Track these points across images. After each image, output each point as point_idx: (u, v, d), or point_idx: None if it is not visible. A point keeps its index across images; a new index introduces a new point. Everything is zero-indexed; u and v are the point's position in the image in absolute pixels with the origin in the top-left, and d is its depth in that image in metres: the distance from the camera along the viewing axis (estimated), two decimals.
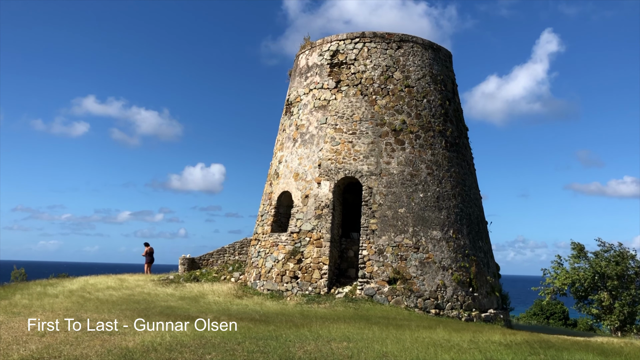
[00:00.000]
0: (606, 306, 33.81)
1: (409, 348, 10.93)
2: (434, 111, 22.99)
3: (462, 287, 20.94)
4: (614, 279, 33.64)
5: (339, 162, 22.07)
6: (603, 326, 35.06)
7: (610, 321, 33.53)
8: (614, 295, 33.79)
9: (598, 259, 34.77)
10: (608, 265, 33.84)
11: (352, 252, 22.00)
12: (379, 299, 19.95)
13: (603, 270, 33.79)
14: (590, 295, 34.87)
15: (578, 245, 35.92)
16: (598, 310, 34.48)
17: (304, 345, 10.94)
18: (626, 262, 34.22)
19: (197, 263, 27.76)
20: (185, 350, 10.05)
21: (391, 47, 23.22)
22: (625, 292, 33.77)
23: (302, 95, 24.16)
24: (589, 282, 34.14)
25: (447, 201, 21.93)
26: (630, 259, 34.57)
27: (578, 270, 35.02)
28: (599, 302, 34.11)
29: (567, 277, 34.90)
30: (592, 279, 34.12)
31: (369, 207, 21.29)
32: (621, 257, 34.42)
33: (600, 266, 34.01)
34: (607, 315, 33.95)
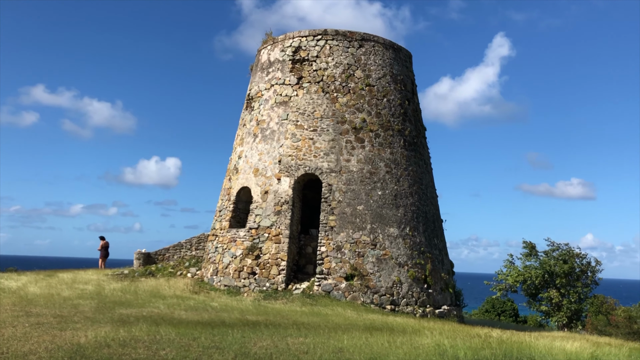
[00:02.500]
0: (555, 303, 34.97)
1: (365, 343, 11.07)
2: (393, 110, 23.26)
3: (417, 283, 21.29)
4: (562, 277, 34.83)
5: (299, 158, 22.09)
6: (551, 322, 36.24)
7: (558, 318, 34.71)
8: (562, 293, 34.98)
9: (548, 258, 35.92)
10: (557, 264, 35.00)
11: (310, 248, 22.08)
12: (335, 295, 20.10)
13: (552, 269, 34.94)
14: (540, 293, 36.01)
15: (529, 244, 37.02)
16: (547, 308, 35.63)
17: (260, 340, 10.94)
18: (573, 261, 35.47)
19: (152, 258, 27.34)
20: (139, 346, 9.92)
21: (353, 45, 23.37)
22: (572, 290, 35.01)
23: (263, 91, 24.07)
24: (539, 280, 35.24)
25: (404, 199, 22.25)
26: (577, 258, 35.85)
27: (529, 268, 36.10)
28: (548, 299, 35.26)
29: (518, 274, 35.93)
30: (542, 277, 35.24)
31: (329, 204, 21.40)
32: (569, 256, 35.65)
33: (549, 265, 35.15)
34: (555, 312, 35.12)
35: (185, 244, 27.65)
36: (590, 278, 36.07)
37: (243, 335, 11.41)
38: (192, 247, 27.40)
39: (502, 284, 37.00)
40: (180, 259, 27.11)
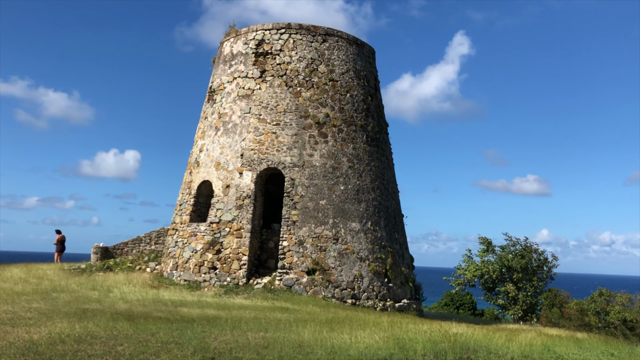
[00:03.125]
0: (511, 297, 35.86)
1: (326, 337, 11.10)
2: (356, 106, 23.36)
3: (378, 277, 21.49)
4: (519, 272, 35.74)
5: (262, 152, 21.97)
6: (507, 315, 37.16)
7: (514, 311, 35.62)
8: (519, 287, 35.90)
9: (505, 253, 36.80)
10: (514, 259, 35.89)
11: (272, 243, 22.02)
12: (297, 290, 20.11)
13: (510, 264, 35.82)
14: (497, 287, 36.88)
15: (486, 240, 37.82)
16: (504, 301, 36.52)
17: (220, 335, 10.85)
18: (530, 256, 36.42)
19: (111, 252, 26.81)
20: (95, 342, 9.71)
21: (317, 40, 23.34)
22: (528, 284, 35.97)
23: (225, 84, 23.82)
24: (496, 275, 36.08)
25: (366, 194, 22.40)
26: (533, 253, 36.83)
27: (487, 263, 36.90)
28: (505, 293, 36.14)
29: (477, 269, 36.70)
30: (499, 271, 36.09)
31: (291, 198, 21.37)
32: (526, 250, 36.59)
33: (507, 259, 36.01)
34: (511, 305, 36.02)
35: (144, 238, 27.20)
36: (546, 273, 37.13)
37: (203, 330, 11.30)
38: (151, 242, 26.98)
39: (461, 278, 37.76)
40: (140, 253, 26.67)
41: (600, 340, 14.83)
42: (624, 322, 33.52)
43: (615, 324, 33.52)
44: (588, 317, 34.78)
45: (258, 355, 9.39)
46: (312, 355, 9.50)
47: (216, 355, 9.26)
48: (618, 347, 12.73)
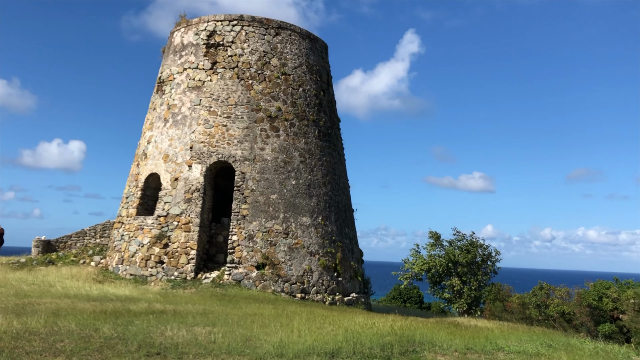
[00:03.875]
0: (457, 290, 36.76)
1: (274, 332, 11.08)
2: (309, 100, 23.35)
3: (327, 272, 21.60)
4: (464, 266, 36.67)
5: (212, 145, 21.68)
6: (453, 309, 38.08)
7: (459, 304, 36.54)
8: (464, 280, 36.83)
9: (452, 247, 37.68)
10: (461, 254, 36.80)
11: (221, 237, 21.79)
12: (246, 284, 19.99)
13: (456, 258, 36.70)
14: (444, 281, 37.74)
15: (435, 234, 38.62)
16: (449, 295, 37.40)
17: (166, 330, 10.67)
18: (475, 251, 37.42)
19: (53, 246, 25.91)
20: (34, 338, 9.36)
21: (269, 33, 23.18)
22: (473, 278, 36.97)
23: (175, 74, 23.36)
24: (443, 269, 36.90)
25: (317, 189, 22.45)
26: (479, 248, 37.87)
27: (434, 257, 37.69)
28: (450, 287, 37.01)
29: (424, 263, 37.43)
30: (446, 265, 36.92)
31: (241, 192, 21.19)
32: (472, 245, 37.57)
33: (454, 254, 36.88)
34: (457, 299, 36.94)
35: (89, 231, 26.42)
36: (490, 267, 38.24)
37: (149, 325, 11.08)
38: (96, 235, 26.23)
39: (409, 272, 38.44)
40: (84, 247, 25.89)
41: (540, 332, 15.39)
42: (562, 315, 34.92)
43: (555, 316, 34.87)
44: (529, 310, 36.04)
45: (205, 350, 9.28)
46: (260, 350, 9.47)
47: (162, 350, 9.10)
48: (556, 338, 13.24)
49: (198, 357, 8.86)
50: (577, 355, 10.14)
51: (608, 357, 10.35)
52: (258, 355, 9.13)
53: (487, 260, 38.02)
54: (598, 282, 35.44)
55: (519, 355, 10.35)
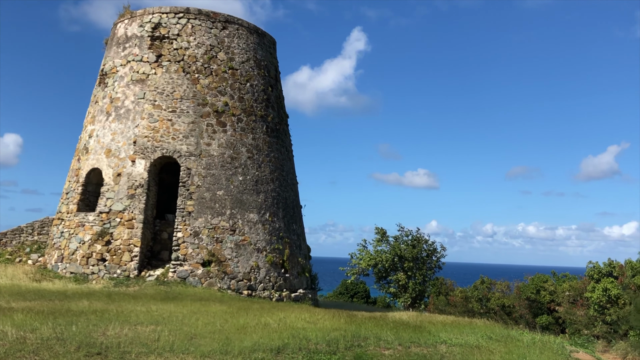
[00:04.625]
0: (402, 285, 37.44)
1: (219, 329, 10.97)
2: (256, 96, 23.18)
3: (275, 268, 21.54)
4: (410, 261, 37.38)
5: (156, 140, 21.21)
6: (398, 303, 38.77)
7: (404, 299, 37.23)
8: (409, 275, 37.55)
9: (398, 243, 38.33)
10: (406, 249, 37.49)
11: (166, 234, 21.38)
12: (192, 282, 19.70)
13: (402, 253, 37.37)
14: (390, 276, 38.37)
15: (381, 230, 39.19)
16: (395, 289, 38.05)
17: (107, 329, 10.38)
18: (420, 246, 38.21)
19: None
20: None
21: (216, 26, 22.85)
22: (418, 273, 37.74)
23: (118, 67, 22.71)
24: (389, 264, 37.50)
25: (265, 185, 22.34)
26: (424, 243, 38.68)
27: (380, 253, 38.25)
28: (396, 281, 37.67)
29: (371, 259, 37.93)
30: (392, 261, 37.54)
31: (187, 188, 20.84)
32: (417, 241, 38.33)
33: (399, 249, 37.53)
34: (402, 293, 37.62)
35: (26, 228, 25.35)
36: (434, 262, 39.13)
37: (89, 325, 10.75)
38: (34, 232, 25.21)
39: (356, 268, 38.87)
40: (20, 244, 24.84)
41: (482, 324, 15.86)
42: (502, 308, 36.12)
43: (495, 309, 36.04)
44: (471, 304, 37.12)
45: (148, 349, 9.10)
46: (205, 347, 9.36)
47: (103, 350, 8.86)
48: (496, 330, 13.68)
49: (141, 356, 8.67)
50: (515, 347, 10.51)
51: (544, 347, 10.77)
52: (203, 353, 9.02)
53: (432, 255, 38.90)
54: (536, 276, 36.85)
55: (461, 347, 10.63)
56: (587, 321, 30.31)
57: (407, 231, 39.18)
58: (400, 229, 39.25)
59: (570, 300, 32.73)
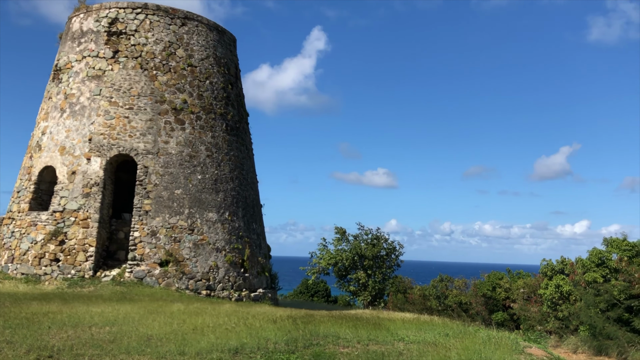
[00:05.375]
0: (362, 283, 37.74)
1: (176, 330, 10.82)
2: (216, 93, 22.94)
3: (234, 268, 21.38)
4: (370, 260, 37.71)
5: (112, 137, 20.76)
6: (358, 301, 39.05)
7: (364, 297, 37.53)
8: (369, 274, 37.88)
9: (358, 242, 38.62)
10: (367, 248, 37.80)
11: (122, 233, 20.96)
12: (149, 282, 19.36)
13: (362, 252, 37.67)
14: (350, 275, 38.62)
15: (341, 230, 39.40)
16: (355, 288, 38.33)
17: (60, 332, 10.11)
18: (380, 245, 38.59)
19: None
20: None
21: (175, 23, 22.51)
22: (378, 271, 38.12)
23: (73, 62, 22.12)
24: (349, 262, 37.74)
25: (224, 184, 22.14)
26: (384, 242, 39.08)
27: (340, 251, 38.46)
28: (356, 280, 37.95)
29: (331, 258, 38.10)
30: (352, 259, 37.79)
31: (144, 187, 20.47)
32: (377, 239, 38.70)
33: (360, 248, 37.82)
34: (362, 291, 37.92)
35: None
36: (394, 260, 39.59)
37: (40, 327, 10.45)
38: None
39: (316, 267, 38.99)
40: None
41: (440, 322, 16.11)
42: (460, 305, 36.78)
43: (453, 306, 36.67)
44: (430, 301, 37.66)
45: (102, 351, 8.90)
46: (162, 348, 9.21)
47: (54, 353, 8.61)
48: (453, 327, 13.91)
49: (94, 358, 8.47)
50: (471, 343, 10.70)
51: (499, 343, 11.00)
52: (159, 354, 8.87)
53: (392, 253, 39.35)
54: (492, 274, 37.65)
55: (418, 344, 10.77)
56: (540, 317, 31.15)
57: (367, 230, 39.55)
58: (361, 227, 39.58)
59: (525, 297, 33.58)
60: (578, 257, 31.52)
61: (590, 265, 29.63)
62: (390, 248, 39.36)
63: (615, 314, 26.15)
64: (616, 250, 29.61)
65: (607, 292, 26.84)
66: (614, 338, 25.17)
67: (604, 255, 29.78)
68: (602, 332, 25.65)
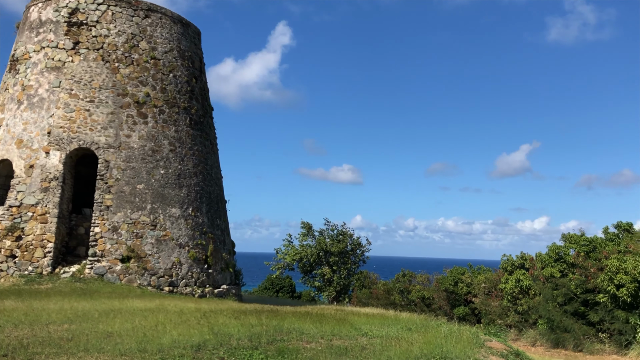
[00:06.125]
0: (327, 279, 37.85)
1: (137, 327, 10.64)
2: (180, 87, 22.62)
3: (197, 264, 21.17)
4: (335, 255, 37.85)
5: (72, 131, 20.26)
6: (323, 297, 39.17)
7: (329, 292, 37.68)
8: (334, 269, 38.01)
9: (323, 237, 38.71)
10: (333, 244, 37.94)
11: (83, 229, 20.51)
12: (110, 278, 19.00)
13: (328, 248, 37.78)
14: (315, 270, 38.70)
15: (307, 225, 39.42)
16: (320, 283, 38.43)
17: (15, 330, 9.82)
18: (346, 240, 38.77)
19: None
20: None
21: (138, 15, 22.08)
22: (343, 267, 38.29)
23: (32, 53, 21.48)
24: (314, 258, 37.80)
25: (188, 179, 21.87)
26: (349, 237, 39.28)
27: (306, 247, 38.50)
28: (321, 275, 38.04)
29: (296, 253, 38.10)
30: (317, 255, 37.87)
31: (105, 181, 20.06)
32: (343, 235, 38.86)
33: (325, 244, 37.92)
34: (327, 287, 38.05)
35: None
36: (359, 256, 39.82)
37: None
38: None
39: (281, 263, 38.93)
40: None
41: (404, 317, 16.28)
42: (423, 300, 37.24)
43: (416, 301, 37.11)
44: (393, 296, 38.02)
45: (60, 349, 8.67)
46: (122, 345, 9.03)
47: (9, 352, 8.35)
48: (415, 321, 14.08)
49: (51, 357, 8.25)
50: (433, 337, 10.84)
51: (460, 337, 11.18)
52: (119, 352, 8.70)
53: (357, 249, 39.57)
54: (454, 269, 38.21)
55: (381, 339, 10.85)
56: (500, 311, 31.80)
57: (332, 226, 39.67)
58: (327, 223, 39.69)
59: (486, 292, 34.22)
60: (537, 253, 32.30)
61: (548, 261, 30.40)
62: (356, 244, 39.58)
63: (572, 307, 26.92)
64: (574, 246, 30.46)
65: (565, 287, 27.60)
66: (570, 331, 25.92)
67: (562, 251, 30.60)
68: (560, 325, 26.39)
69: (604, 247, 28.85)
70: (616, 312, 24.55)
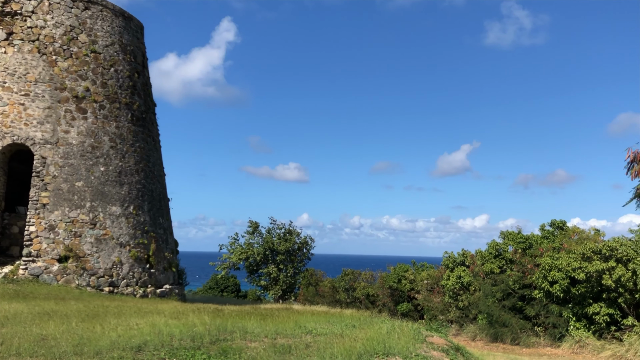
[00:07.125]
0: (273, 278, 37.74)
1: (74, 329, 10.27)
2: (121, 82, 22.00)
3: (139, 263, 20.66)
4: (282, 254, 37.77)
5: (5, 125, 19.37)
6: (269, 295, 39.03)
7: (275, 291, 37.58)
8: (280, 268, 37.94)
9: (270, 236, 38.58)
10: (280, 242, 37.84)
11: (17, 228, 19.67)
12: (46, 279, 18.29)
13: (275, 247, 37.67)
14: (261, 269, 38.51)
15: (254, 224, 39.19)
16: (266, 282, 38.28)
17: None
18: (293, 239, 38.75)
19: None
20: None
21: (77, 6, 21.32)
22: (289, 265, 38.28)
23: None
24: (261, 257, 37.62)
25: (129, 176, 21.31)
26: (296, 236, 39.29)
27: (252, 246, 38.26)
28: (267, 274, 37.89)
29: (242, 252, 37.79)
30: (264, 254, 37.70)
31: (41, 178, 19.28)
32: (290, 234, 38.84)
33: (272, 242, 37.80)
34: (273, 286, 37.93)
35: None
36: (305, 254, 39.91)
37: None
38: None
39: (227, 262, 38.55)
40: None
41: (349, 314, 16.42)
42: (367, 297, 37.71)
43: (361, 298, 37.54)
44: (339, 294, 38.32)
45: None
46: (57, 349, 8.70)
47: None
48: (360, 318, 14.23)
49: None
50: (376, 333, 10.98)
51: (402, 333, 11.37)
52: (54, 356, 8.38)
53: (304, 247, 39.64)
54: (398, 266, 38.83)
55: (325, 336, 10.90)
56: (442, 307, 32.56)
57: (279, 224, 39.58)
58: (273, 222, 39.56)
59: (428, 288, 34.94)
60: (478, 250, 33.26)
61: (488, 257, 31.37)
62: (303, 242, 39.66)
63: (510, 302, 27.87)
64: (512, 243, 31.55)
65: (503, 282, 28.54)
66: (508, 325, 26.83)
67: (500, 248, 31.63)
68: (498, 319, 27.27)
69: (540, 244, 30.01)
70: (550, 307, 25.58)
